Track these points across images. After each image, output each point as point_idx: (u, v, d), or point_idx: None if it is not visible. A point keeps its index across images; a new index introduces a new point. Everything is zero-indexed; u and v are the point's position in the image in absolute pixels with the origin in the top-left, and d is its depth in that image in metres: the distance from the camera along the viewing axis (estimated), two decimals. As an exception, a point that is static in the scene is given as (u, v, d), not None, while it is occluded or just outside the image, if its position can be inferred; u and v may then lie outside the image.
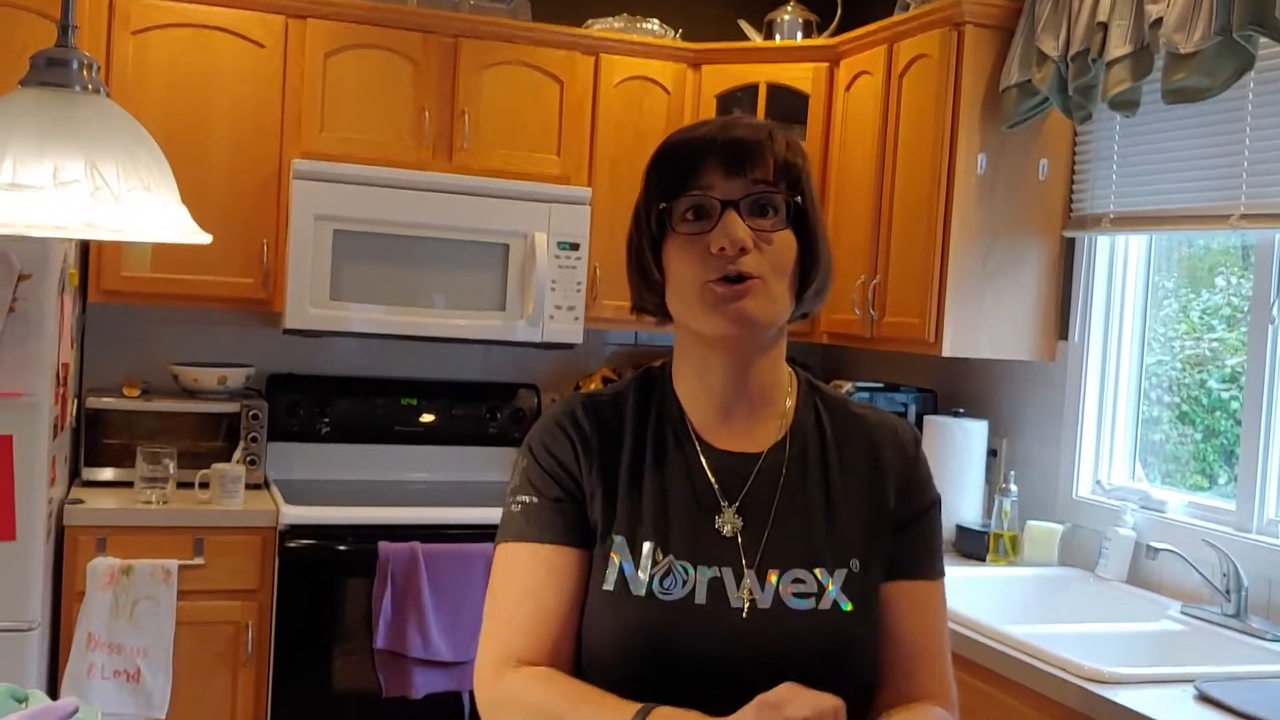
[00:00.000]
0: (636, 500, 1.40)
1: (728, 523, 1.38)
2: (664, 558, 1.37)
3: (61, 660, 3.32)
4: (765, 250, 1.36)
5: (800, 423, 1.46)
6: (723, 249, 1.34)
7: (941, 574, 1.48)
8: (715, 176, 1.37)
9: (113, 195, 1.34)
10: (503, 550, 1.43)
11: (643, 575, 1.36)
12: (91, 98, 1.46)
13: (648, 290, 1.43)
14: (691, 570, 1.36)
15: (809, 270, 1.41)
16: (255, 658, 3.49)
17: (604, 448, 1.43)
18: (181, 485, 3.57)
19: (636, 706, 1.27)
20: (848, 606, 1.36)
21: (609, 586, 1.37)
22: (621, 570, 1.37)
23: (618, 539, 1.38)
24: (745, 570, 1.36)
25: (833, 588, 1.37)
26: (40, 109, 1.42)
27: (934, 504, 1.48)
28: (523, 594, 1.38)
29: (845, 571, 1.38)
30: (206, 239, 1.50)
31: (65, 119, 1.41)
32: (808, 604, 1.36)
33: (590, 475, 1.41)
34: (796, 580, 1.36)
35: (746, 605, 1.35)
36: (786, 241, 1.39)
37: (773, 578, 1.36)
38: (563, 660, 1.38)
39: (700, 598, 1.35)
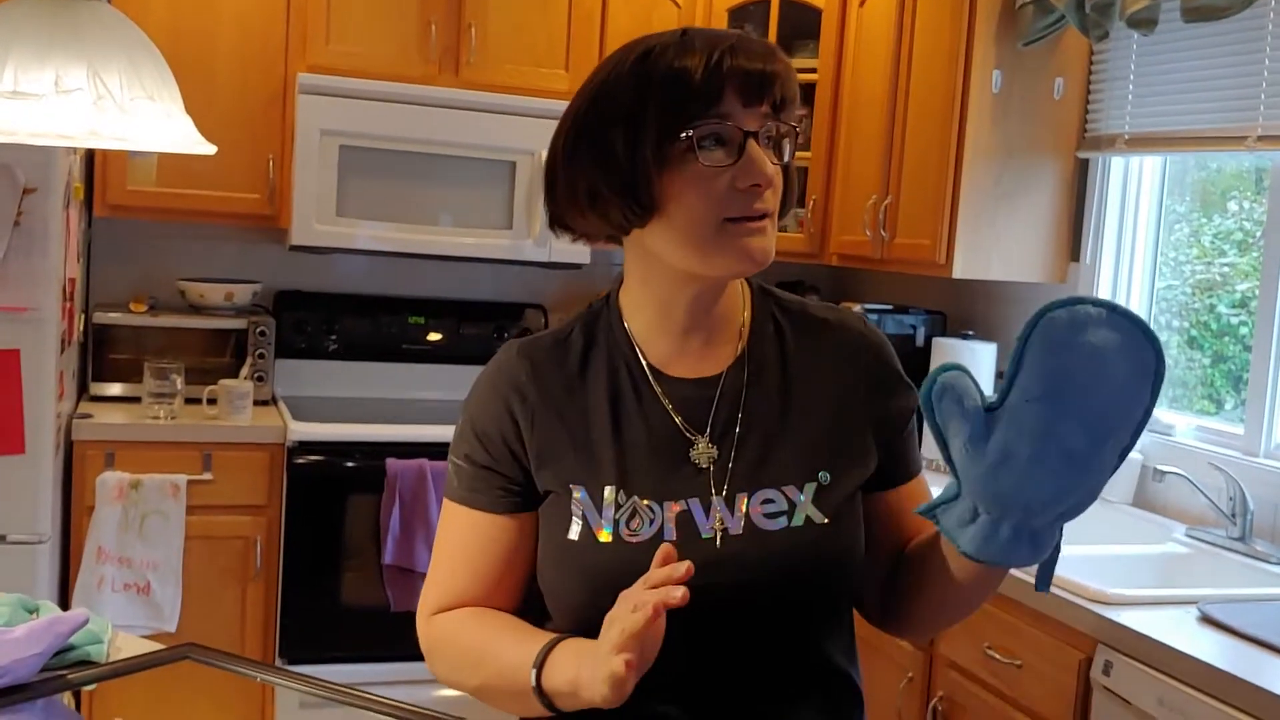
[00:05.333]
0: (590, 446, 1.35)
1: (703, 454, 1.35)
2: (627, 500, 1.32)
3: (72, 573, 3.36)
4: (776, 186, 1.31)
5: (757, 336, 1.41)
6: (756, 185, 1.27)
7: (922, 463, 1.48)
8: (733, 104, 1.27)
9: (116, 104, 1.32)
10: (445, 503, 1.43)
11: (606, 521, 1.31)
12: (93, 4, 1.43)
13: (629, 214, 1.30)
14: (658, 508, 1.32)
15: (786, 200, 1.37)
16: (264, 572, 3.52)
17: (546, 399, 1.37)
18: (189, 401, 3.58)
19: (548, 638, 1.27)
20: (822, 520, 1.32)
21: (573, 536, 1.32)
22: (585, 519, 1.32)
23: (576, 489, 1.34)
24: (713, 498, 1.32)
25: (803, 502, 1.33)
26: (41, 16, 1.39)
27: (917, 404, 1.42)
28: (457, 551, 1.40)
29: (815, 485, 1.34)
30: (211, 149, 1.48)
31: (67, 26, 1.39)
32: (780, 523, 1.32)
33: (532, 433, 1.36)
34: (766, 501, 1.33)
35: (719, 534, 1.31)
36: (780, 174, 1.33)
37: (742, 502, 1.32)
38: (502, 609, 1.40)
39: (669, 534, 1.30)
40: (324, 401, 3.94)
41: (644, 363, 1.39)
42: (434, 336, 4.18)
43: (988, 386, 3.49)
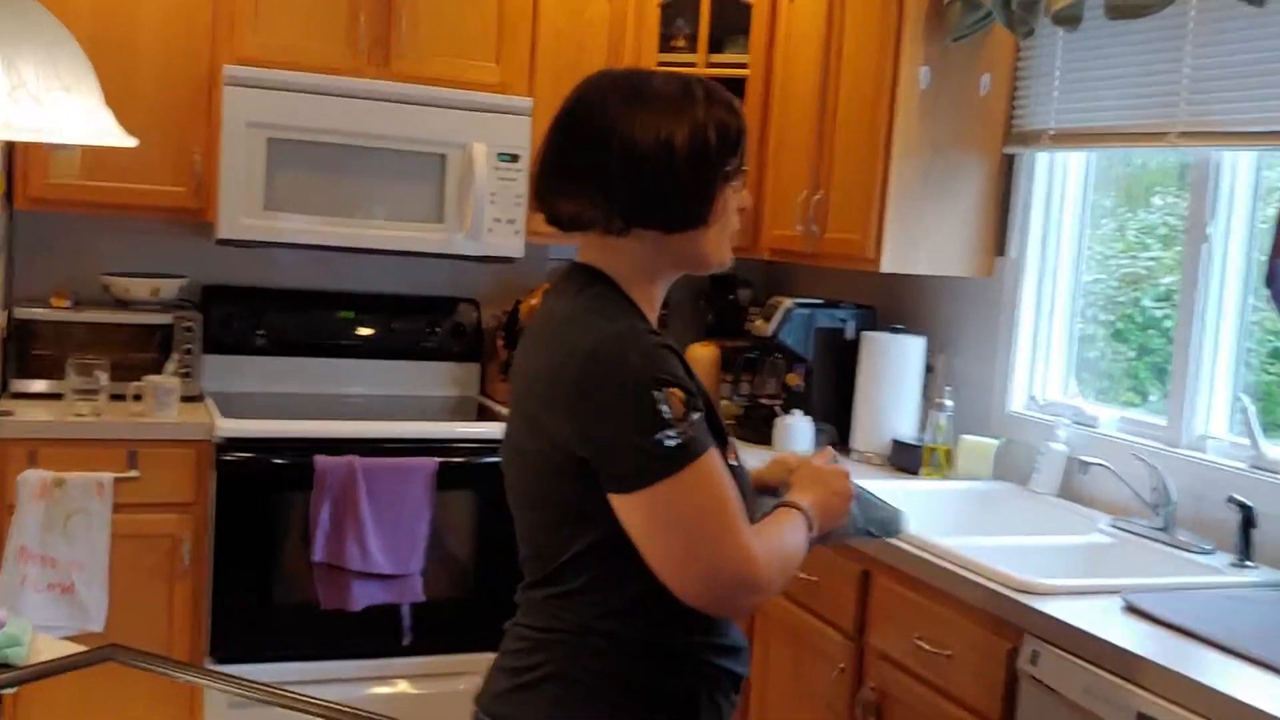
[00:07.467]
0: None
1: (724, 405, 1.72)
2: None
3: (-7, 573, 3.29)
4: None
5: None
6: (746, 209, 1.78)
7: None
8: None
9: (31, 96, 1.29)
10: (697, 464, 1.55)
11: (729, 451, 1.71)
12: (8, -6, 1.40)
13: (695, 203, 1.65)
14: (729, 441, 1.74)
15: None
16: (193, 571, 3.47)
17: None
18: (114, 398, 3.51)
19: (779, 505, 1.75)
20: None
21: (731, 462, 1.69)
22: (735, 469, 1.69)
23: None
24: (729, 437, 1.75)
25: None
26: (-46, 5, 1.36)
27: None
28: (732, 491, 1.61)
29: None
30: (132, 142, 1.45)
31: (-19, 16, 1.36)
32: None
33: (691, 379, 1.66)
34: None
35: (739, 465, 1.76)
36: None
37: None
38: None
39: (742, 460, 1.77)
40: (252, 397, 3.89)
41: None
42: (364, 331, 4.14)
43: (916, 379, 3.54)
